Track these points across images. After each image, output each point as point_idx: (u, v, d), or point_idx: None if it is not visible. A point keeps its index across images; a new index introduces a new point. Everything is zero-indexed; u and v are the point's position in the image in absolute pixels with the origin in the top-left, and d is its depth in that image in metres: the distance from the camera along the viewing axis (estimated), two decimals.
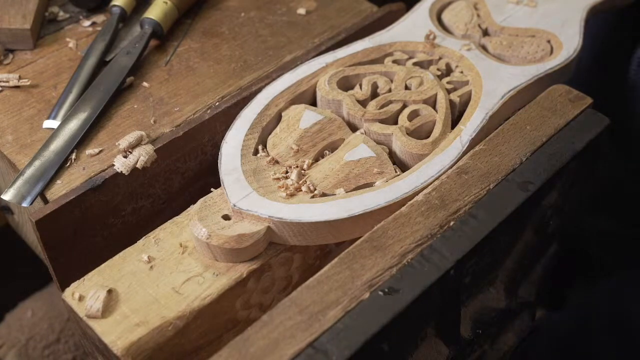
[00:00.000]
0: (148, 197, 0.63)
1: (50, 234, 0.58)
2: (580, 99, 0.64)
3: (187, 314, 0.52)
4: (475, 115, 0.62)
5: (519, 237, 0.62)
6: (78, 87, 0.66)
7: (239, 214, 0.55)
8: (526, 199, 0.57)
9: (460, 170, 0.58)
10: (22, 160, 0.61)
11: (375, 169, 0.58)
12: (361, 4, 0.79)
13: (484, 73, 0.65)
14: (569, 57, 0.67)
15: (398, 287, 0.50)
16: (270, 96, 0.64)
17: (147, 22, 0.72)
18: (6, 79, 0.68)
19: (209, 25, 0.76)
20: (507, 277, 0.66)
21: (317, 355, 0.47)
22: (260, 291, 0.57)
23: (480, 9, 0.73)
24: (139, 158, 0.61)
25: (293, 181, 0.57)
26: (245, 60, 0.72)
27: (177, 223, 0.58)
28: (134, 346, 0.50)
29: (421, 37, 0.69)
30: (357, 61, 0.67)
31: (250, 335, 0.48)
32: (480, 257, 0.56)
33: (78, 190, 0.58)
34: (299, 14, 0.77)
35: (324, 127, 0.61)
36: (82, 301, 0.52)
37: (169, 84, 0.69)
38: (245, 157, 0.59)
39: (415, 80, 0.65)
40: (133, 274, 0.54)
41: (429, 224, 0.54)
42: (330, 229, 0.55)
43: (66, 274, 0.59)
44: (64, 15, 0.76)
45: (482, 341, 0.65)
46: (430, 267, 0.52)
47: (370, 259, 0.52)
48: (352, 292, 0.50)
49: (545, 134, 0.61)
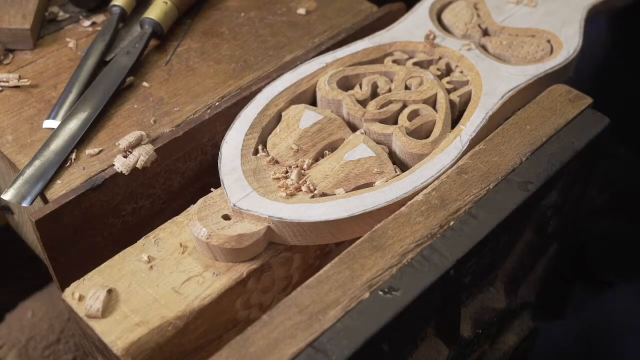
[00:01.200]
0: (148, 197, 0.63)
1: (50, 234, 0.58)
2: (580, 99, 0.64)
3: (187, 314, 0.52)
4: (475, 115, 0.62)
5: (519, 237, 0.62)
6: (78, 87, 0.66)
7: (239, 214, 0.55)
8: (526, 199, 0.57)
9: (460, 170, 0.58)
10: (22, 160, 0.61)
11: (375, 169, 0.58)
12: (361, 4, 0.79)
13: (484, 73, 0.65)
14: (569, 57, 0.67)
15: (398, 287, 0.50)
16: (270, 96, 0.64)
17: (147, 22, 0.72)
18: (6, 79, 0.68)
19: (209, 25, 0.76)
20: (507, 277, 0.66)
21: (317, 355, 0.47)
22: (260, 291, 0.57)
23: (480, 8, 0.73)
24: (139, 158, 0.61)
25: (293, 181, 0.57)
26: (245, 60, 0.72)
27: (177, 223, 0.58)
28: (134, 346, 0.50)
29: (421, 37, 0.69)
30: (357, 61, 0.67)
31: (250, 335, 0.48)
32: (480, 257, 0.56)
33: (78, 190, 0.58)
34: (299, 14, 0.77)
35: (324, 127, 0.61)
36: (82, 301, 0.52)
37: (169, 84, 0.69)
38: (245, 157, 0.59)
39: (415, 80, 0.65)
40: (133, 274, 0.54)
41: (429, 224, 0.54)
42: (330, 229, 0.55)
43: (66, 274, 0.59)
44: (64, 15, 0.76)
45: (482, 341, 0.65)
46: (430, 267, 0.52)
47: (370, 259, 0.52)
48: (352, 292, 0.50)
49: (545, 134, 0.61)
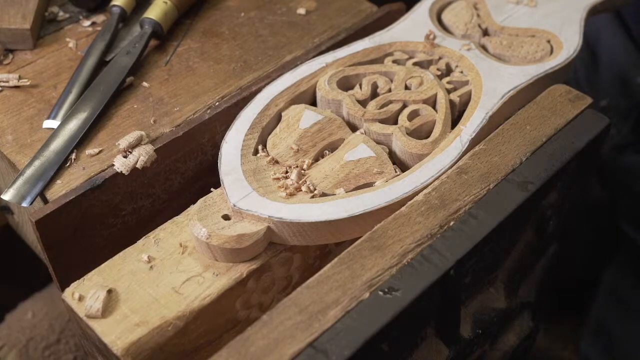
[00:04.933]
0: (148, 197, 0.63)
1: (50, 234, 0.58)
2: (580, 99, 0.64)
3: (187, 314, 0.52)
4: (475, 115, 0.62)
5: (519, 237, 0.62)
6: (78, 87, 0.66)
7: (238, 214, 0.55)
8: (526, 199, 0.57)
9: (460, 170, 0.58)
10: (22, 160, 0.61)
11: (375, 169, 0.58)
12: (361, 4, 0.79)
13: (484, 73, 0.65)
14: (569, 57, 0.67)
15: (398, 287, 0.50)
16: (270, 96, 0.64)
17: (147, 22, 0.72)
18: (6, 79, 0.68)
19: (209, 25, 0.76)
20: (507, 277, 0.66)
21: (317, 355, 0.47)
22: (260, 291, 0.57)
23: (480, 9, 0.73)
24: (139, 158, 0.60)
25: (293, 181, 0.57)
26: (245, 60, 0.72)
27: (177, 223, 0.58)
28: (133, 346, 0.50)
29: (421, 37, 0.69)
30: (357, 61, 0.67)
31: (250, 335, 0.48)
32: (480, 257, 0.56)
33: (78, 190, 0.58)
34: (299, 14, 0.77)
35: (324, 127, 0.61)
36: (82, 301, 0.52)
37: (169, 84, 0.69)
38: (245, 157, 0.59)
39: (415, 80, 0.65)
40: (133, 274, 0.54)
41: (429, 224, 0.54)
42: (330, 229, 0.55)
43: (66, 274, 0.59)
44: (64, 15, 0.76)
45: (482, 341, 0.65)
46: (430, 267, 0.52)
47: (370, 259, 0.52)
48: (352, 292, 0.50)
49: (545, 134, 0.61)
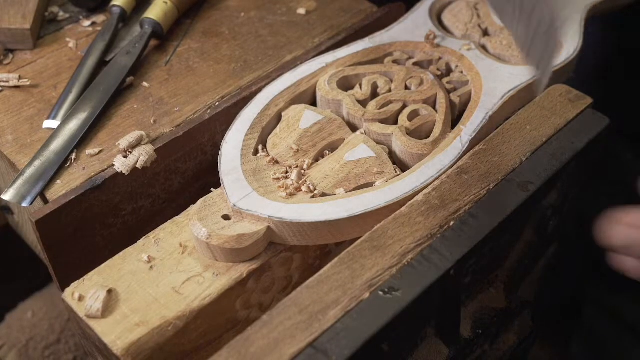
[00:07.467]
0: (148, 197, 0.63)
1: (50, 234, 0.58)
2: (580, 99, 0.64)
3: (187, 314, 0.52)
4: (475, 115, 0.62)
5: (519, 237, 0.62)
6: (78, 87, 0.66)
7: (239, 214, 0.55)
8: (526, 199, 0.57)
9: (460, 170, 0.58)
10: (22, 160, 0.61)
11: (375, 169, 0.58)
12: (361, 4, 0.79)
13: (484, 73, 0.65)
14: (569, 57, 0.67)
15: (398, 287, 0.50)
16: (270, 96, 0.64)
17: (147, 22, 0.72)
18: (6, 79, 0.68)
19: (209, 25, 0.76)
20: (507, 277, 0.66)
21: (317, 355, 0.47)
22: (260, 291, 0.57)
23: (480, 9, 0.73)
24: (139, 158, 0.60)
25: (293, 181, 0.57)
26: (245, 60, 0.72)
27: (177, 223, 0.58)
28: (134, 346, 0.50)
29: (421, 37, 0.69)
30: (357, 61, 0.67)
31: (250, 335, 0.48)
32: (480, 257, 0.56)
33: (78, 190, 0.58)
34: (299, 14, 0.77)
35: (324, 127, 0.61)
36: (82, 301, 0.52)
37: (169, 84, 0.69)
38: (245, 157, 0.59)
39: (415, 80, 0.65)
40: (133, 274, 0.54)
41: (429, 224, 0.54)
42: (330, 229, 0.55)
43: (66, 274, 0.59)
44: (64, 15, 0.76)
45: (482, 341, 0.65)
46: (430, 267, 0.52)
47: (370, 259, 0.52)
48: (352, 292, 0.50)
49: (545, 134, 0.61)
